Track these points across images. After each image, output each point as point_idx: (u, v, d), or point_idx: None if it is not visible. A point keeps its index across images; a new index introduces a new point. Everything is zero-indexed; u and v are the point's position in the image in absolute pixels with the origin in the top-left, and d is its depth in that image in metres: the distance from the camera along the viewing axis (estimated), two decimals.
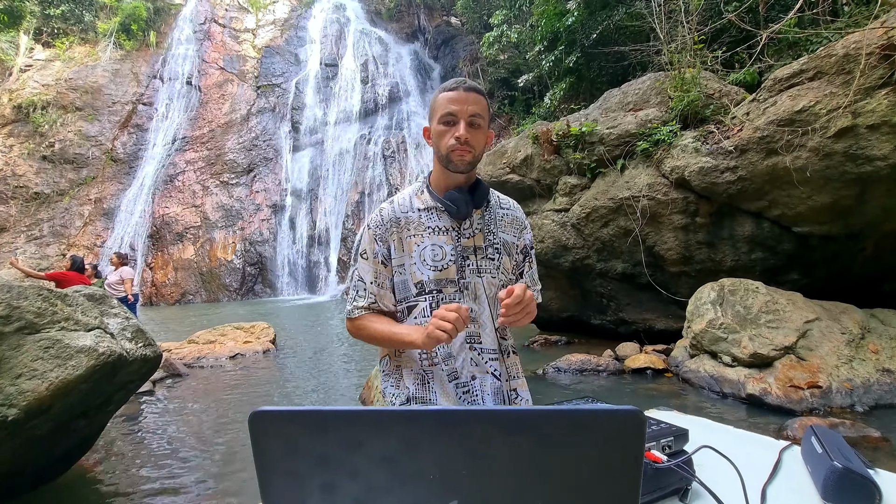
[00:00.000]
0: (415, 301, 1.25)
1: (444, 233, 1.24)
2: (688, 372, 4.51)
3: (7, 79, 20.74)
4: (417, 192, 1.30)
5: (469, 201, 1.23)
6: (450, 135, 1.18)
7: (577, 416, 0.39)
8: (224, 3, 24.13)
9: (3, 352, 2.37)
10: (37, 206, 19.06)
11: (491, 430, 0.40)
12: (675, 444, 0.94)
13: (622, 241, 5.57)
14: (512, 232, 1.33)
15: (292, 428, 0.41)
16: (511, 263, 1.33)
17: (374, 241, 1.26)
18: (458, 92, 1.17)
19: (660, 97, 5.75)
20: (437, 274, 1.23)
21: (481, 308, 1.27)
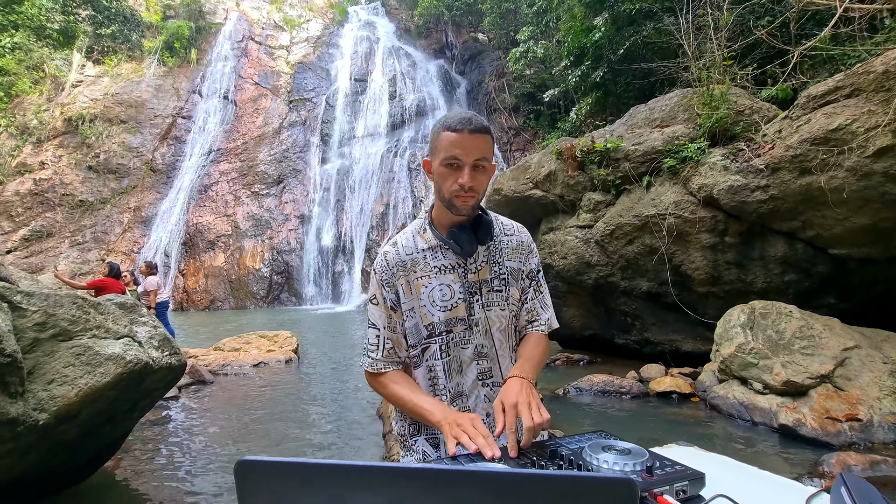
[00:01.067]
0: (427, 343, 1.23)
1: (451, 271, 1.22)
2: (716, 398, 4.34)
3: (60, 93, 22.07)
4: (420, 230, 1.27)
5: (473, 239, 1.21)
6: (453, 179, 1.14)
7: (567, 482, 0.38)
8: (261, 21, 25.14)
9: (38, 358, 2.49)
10: (81, 213, 20.04)
11: (477, 493, 0.39)
12: (691, 489, 0.90)
13: (647, 260, 5.45)
14: (517, 258, 1.30)
15: (277, 479, 0.41)
16: (518, 292, 1.30)
17: (381, 287, 1.23)
18: (463, 135, 1.12)
19: (687, 114, 5.64)
20: (446, 314, 1.21)
21: (491, 343, 1.25)
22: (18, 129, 21.00)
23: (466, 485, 0.39)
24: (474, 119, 1.15)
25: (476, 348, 1.24)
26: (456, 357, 1.23)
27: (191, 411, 5.14)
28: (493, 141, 1.19)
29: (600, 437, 1.08)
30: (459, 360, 1.24)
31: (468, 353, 1.23)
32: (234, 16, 24.88)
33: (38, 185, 19.96)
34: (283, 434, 4.35)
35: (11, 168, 20.28)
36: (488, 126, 1.17)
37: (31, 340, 2.49)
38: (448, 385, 1.24)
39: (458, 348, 1.23)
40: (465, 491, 0.39)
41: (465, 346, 1.23)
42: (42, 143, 20.85)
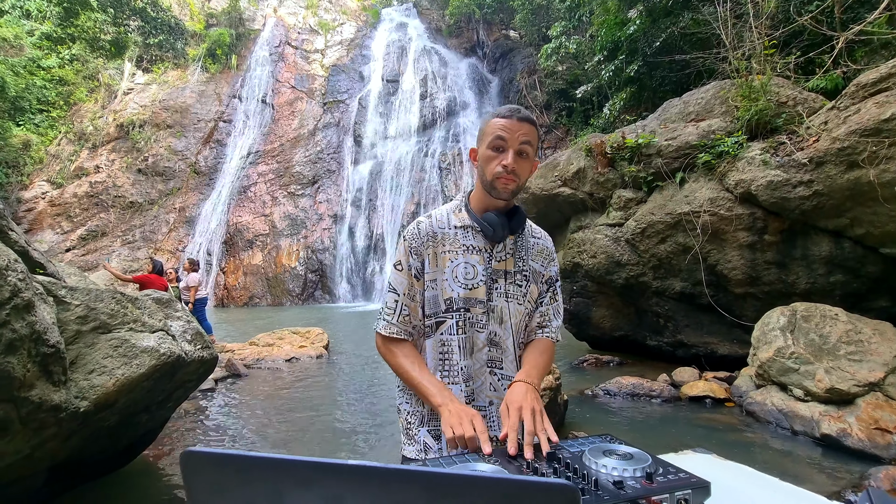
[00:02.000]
0: (443, 317, 1.25)
1: (478, 252, 1.25)
2: (752, 404, 4.13)
3: (112, 101, 23.42)
4: (456, 209, 1.31)
5: (506, 225, 1.23)
6: (497, 161, 1.19)
7: (505, 486, 0.37)
8: (297, 26, 25.82)
9: (80, 349, 2.64)
10: (131, 213, 21.19)
11: (415, 493, 0.38)
12: (694, 499, 0.86)
13: (680, 259, 5.25)
14: (541, 261, 1.33)
15: (219, 471, 0.42)
16: (537, 293, 1.32)
17: (409, 254, 1.26)
18: (512, 120, 1.17)
19: (725, 106, 5.39)
20: (466, 292, 1.23)
21: (506, 333, 1.26)
22: (76, 135, 22.42)
23: (400, 483, 0.39)
24: (523, 110, 1.21)
25: (490, 334, 1.25)
26: (470, 337, 1.25)
27: (226, 403, 5.34)
28: (538, 133, 1.23)
29: (605, 442, 1.04)
30: (472, 342, 1.25)
31: (482, 338, 1.25)
32: (272, 22, 25.65)
33: (93, 187, 21.25)
34: (311, 424, 4.46)
35: (70, 172, 21.67)
36: (534, 119, 1.22)
37: (74, 333, 2.66)
38: (462, 363, 1.24)
39: (473, 329, 1.24)
40: (398, 488, 0.39)
41: (481, 329, 1.24)
42: (97, 148, 22.18)
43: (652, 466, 0.90)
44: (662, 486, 0.84)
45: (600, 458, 0.93)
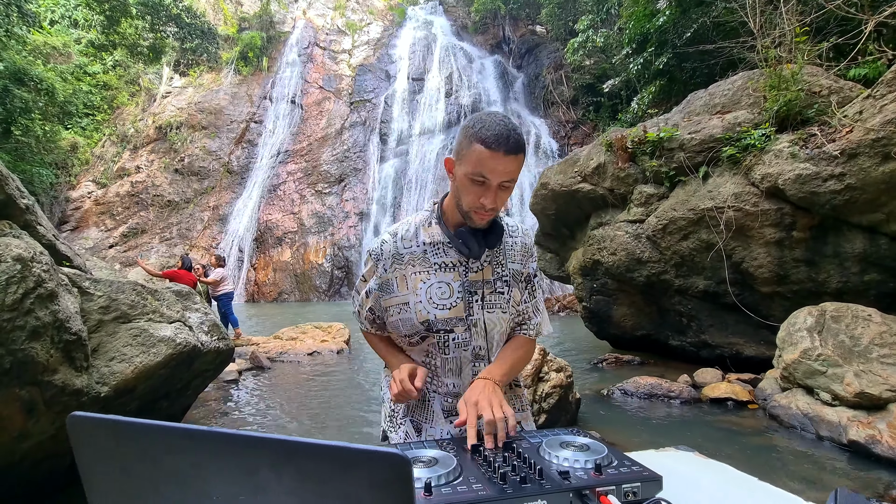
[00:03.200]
0: (425, 334, 1.20)
1: (451, 269, 1.18)
2: (776, 407, 3.96)
3: (152, 104, 24.49)
4: (425, 223, 1.22)
5: (482, 242, 1.15)
6: (475, 196, 1.07)
7: (334, 452, 0.38)
8: (325, 27, 26.28)
9: (102, 337, 2.79)
10: (169, 211, 22.12)
11: (258, 459, 0.40)
12: (644, 492, 0.84)
13: (703, 256, 5.08)
14: (520, 260, 1.27)
15: (101, 435, 0.44)
16: (519, 294, 1.27)
17: (375, 271, 1.23)
18: (497, 156, 1.02)
19: (753, 98, 5.17)
20: (444, 314, 1.17)
21: (491, 345, 1.23)
22: (119, 137, 23.57)
23: (251, 449, 0.40)
24: (511, 137, 1.03)
25: (474, 350, 1.21)
26: (455, 358, 1.21)
27: (248, 394, 5.52)
28: (524, 157, 1.10)
29: (570, 434, 1.03)
30: (459, 362, 1.21)
31: (468, 355, 1.21)
32: (301, 24, 26.20)
33: (134, 187, 22.29)
34: (328, 415, 4.57)
35: (113, 172, 22.80)
36: (523, 143, 1.08)
37: (97, 322, 2.81)
38: (446, 381, 1.22)
39: (459, 349, 1.20)
40: (250, 453, 0.40)
41: (466, 347, 1.20)
42: (138, 149, 23.25)
43: (606, 459, 0.89)
44: (610, 478, 0.83)
45: (556, 450, 0.93)
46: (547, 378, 3.70)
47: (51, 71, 18.92)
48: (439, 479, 0.80)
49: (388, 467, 0.36)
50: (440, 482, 0.80)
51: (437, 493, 0.77)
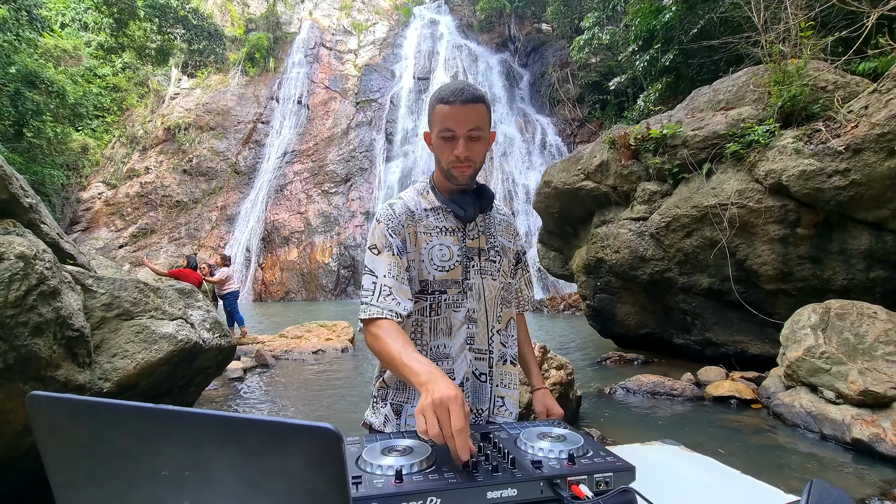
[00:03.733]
0: (417, 297, 1.23)
1: (451, 233, 1.25)
2: (779, 405, 3.93)
3: (161, 105, 24.75)
4: (423, 191, 1.29)
5: (475, 204, 1.23)
6: (449, 151, 1.16)
7: (269, 428, 0.39)
8: (331, 28, 26.38)
9: (104, 334, 2.84)
10: (177, 212, 22.34)
11: (201, 435, 0.41)
12: (616, 481, 0.85)
13: (707, 254, 5.04)
14: (507, 237, 1.36)
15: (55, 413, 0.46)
16: (509, 267, 1.35)
17: (387, 235, 1.19)
18: (456, 106, 1.12)
19: (757, 94, 5.12)
20: (443, 274, 1.23)
21: (483, 308, 1.28)
22: (128, 138, 23.84)
23: (192, 423, 0.41)
24: (466, 89, 1.13)
25: (467, 312, 1.25)
26: (446, 318, 1.24)
27: (252, 391, 5.57)
28: (488, 110, 1.17)
29: (549, 426, 1.04)
30: (449, 322, 1.24)
31: (460, 317, 1.24)
32: (307, 24, 26.32)
33: (143, 187, 22.54)
34: (331, 411, 4.60)
35: (123, 173, 23.07)
36: (482, 95, 1.16)
37: (100, 319, 2.85)
38: (432, 343, 1.25)
39: (450, 310, 1.24)
40: (191, 427, 0.42)
41: (458, 308, 1.24)
42: (147, 150, 23.50)
43: (581, 449, 0.90)
44: (583, 468, 0.84)
45: (532, 440, 0.93)
46: (547, 375, 3.70)
47: (61, 73, 19.19)
48: (412, 468, 0.81)
49: (319, 442, 0.37)
50: (412, 470, 0.81)
51: (407, 480, 0.78)
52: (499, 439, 0.96)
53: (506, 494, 0.78)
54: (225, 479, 0.41)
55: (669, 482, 1.06)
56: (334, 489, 0.38)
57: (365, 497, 0.73)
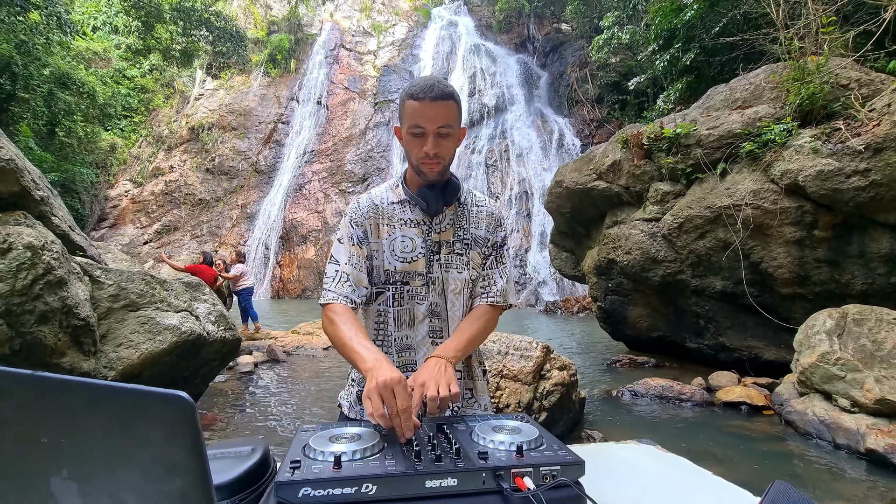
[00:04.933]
0: (382, 288, 1.27)
1: (416, 226, 1.26)
2: (792, 413, 3.80)
3: (186, 106, 25.40)
4: (393, 186, 1.32)
5: (440, 198, 1.24)
6: (419, 146, 1.17)
7: (126, 395, 0.39)
8: (351, 29, 26.66)
9: (111, 324, 2.92)
10: (200, 210, 22.89)
11: (72, 401, 0.41)
12: (564, 476, 0.83)
13: (720, 256, 4.91)
14: (484, 227, 1.33)
15: None
16: (480, 258, 1.33)
17: (350, 226, 1.26)
18: (425, 103, 1.13)
19: (776, 92, 4.97)
20: (404, 266, 1.24)
21: (447, 303, 1.28)
22: (154, 138, 24.53)
23: (64, 391, 0.42)
24: (436, 86, 1.14)
25: (430, 306, 1.26)
26: (409, 310, 1.26)
27: (264, 385, 5.66)
28: (458, 106, 1.19)
29: (509, 419, 1.03)
30: (412, 314, 1.26)
31: (422, 309, 1.26)
32: (328, 26, 26.66)
33: (168, 186, 23.16)
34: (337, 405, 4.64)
35: (149, 172, 23.75)
36: (451, 91, 1.16)
37: (106, 309, 2.94)
38: (396, 335, 1.27)
39: (413, 302, 1.26)
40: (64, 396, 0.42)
41: (421, 301, 1.26)
42: (171, 149, 24.14)
43: (533, 443, 0.88)
44: (530, 461, 0.82)
45: (486, 433, 0.92)
46: (549, 376, 3.65)
47: (92, 75, 19.88)
48: (353, 454, 0.81)
49: (173, 409, 0.37)
50: (354, 457, 0.81)
51: (346, 466, 0.77)
52: (452, 430, 0.95)
53: (445, 484, 0.77)
54: (96, 446, 0.41)
55: (636, 481, 1.03)
56: (191, 456, 0.38)
57: (298, 481, 0.73)
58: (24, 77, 14.78)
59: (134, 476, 0.40)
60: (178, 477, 0.38)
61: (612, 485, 1.01)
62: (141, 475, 0.39)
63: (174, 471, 0.38)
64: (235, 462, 0.88)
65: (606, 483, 1.01)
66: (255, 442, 0.96)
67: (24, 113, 16.36)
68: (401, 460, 0.80)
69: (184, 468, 0.38)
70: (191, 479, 0.38)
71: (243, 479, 0.83)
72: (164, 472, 0.38)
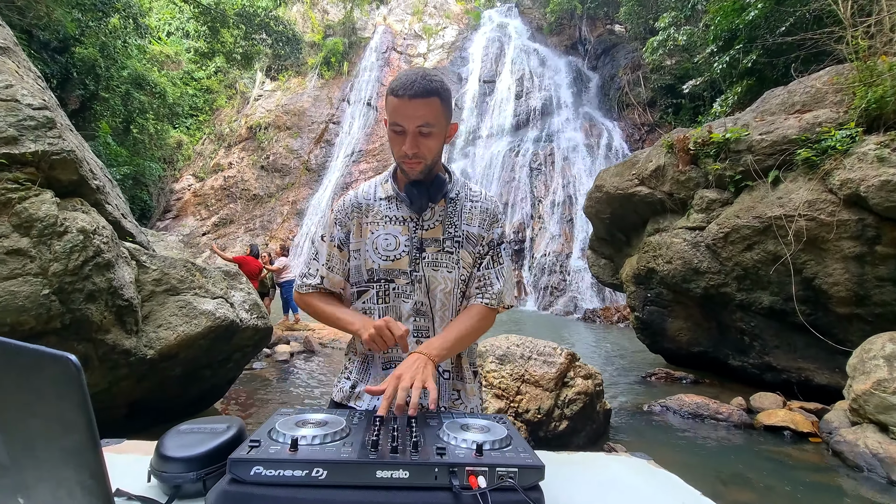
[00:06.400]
0: (366, 286, 1.26)
1: (402, 223, 1.23)
2: (841, 443, 3.50)
3: (246, 106, 26.80)
4: (383, 181, 1.30)
5: (424, 195, 1.20)
6: (399, 144, 1.14)
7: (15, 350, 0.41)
8: (403, 32, 27.16)
9: (153, 307, 3.14)
10: (254, 204, 24.06)
11: None
12: (522, 478, 0.81)
13: (769, 269, 4.60)
14: (478, 224, 1.27)
15: None
16: (472, 257, 1.26)
17: (333, 226, 1.27)
18: (404, 100, 1.09)
19: (840, 95, 4.60)
20: (387, 264, 1.22)
21: (434, 302, 1.24)
22: (216, 136, 26.05)
23: None
24: (417, 82, 1.08)
25: (415, 304, 1.24)
26: (395, 307, 1.24)
27: (298, 373, 5.88)
28: (442, 102, 1.13)
29: (484, 419, 1.02)
30: (398, 312, 1.24)
31: (408, 308, 1.24)
32: (381, 29, 27.29)
33: (226, 181, 24.50)
34: None
35: (210, 168, 25.24)
36: (436, 88, 1.10)
37: (150, 292, 3.16)
38: None
39: (399, 300, 1.24)
40: None
41: (406, 299, 1.24)
42: (231, 147, 25.53)
43: (497, 443, 0.87)
44: (488, 460, 0.81)
45: (454, 430, 0.92)
46: (572, 383, 3.56)
47: (164, 76, 21.40)
48: (312, 439, 0.83)
49: (61, 369, 0.40)
50: (313, 441, 0.83)
51: (302, 450, 0.79)
52: (421, 424, 0.95)
53: (396, 475, 0.78)
54: (9, 398, 0.44)
55: (615, 493, 1.00)
56: (80, 414, 0.40)
57: (252, 459, 0.76)
58: (105, 78, 16.10)
59: (41, 429, 0.43)
60: (72, 433, 0.41)
61: (587, 495, 0.98)
62: (44, 428, 0.43)
63: (69, 427, 0.41)
64: (209, 437, 0.93)
65: (582, 492, 0.98)
66: (234, 421, 1.01)
67: (104, 111, 17.83)
68: (357, 449, 0.81)
69: (75, 425, 0.41)
70: (80, 436, 0.41)
71: (213, 454, 0.88)
72: (61, 428, 0.42)
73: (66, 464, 0.42)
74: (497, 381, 3.44)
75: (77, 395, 0.40)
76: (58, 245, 2.48)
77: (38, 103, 2.65)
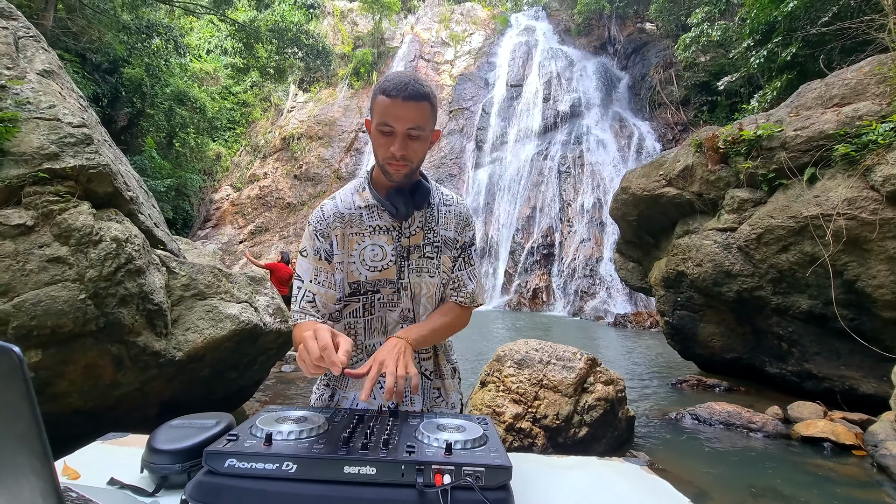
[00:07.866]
0: (349, 300, 1.23)
1: (385, 232, 1.21)
2: (887, 457, 3.27)
3: (279, 118, 27.74)
4: (359, 188, 1.25)
5: (409, 202, 1.19)
6: (386, 145, 1.12)
7: None
8: (430, 40, 27.47)
9: (181, 311, 3.29)
10: (288, 213, 24.80)
11: None
12: (489, 478, 0.82)
13: (806, 271, 4.37)
14: (453, 228, 1.29)
15: None
16: (450, 261, 1.29)
17: (314, 238, 1.21)
18: (397, 102, 1.08)
19: (882, 87, 4.34)
20: (374, 275, 1.21)
21: (420, 308, 1.26)
22: (252, 147, 27.07)
23: None
24: (411, 84, 1.09)
25: (402, 312, 1.24)
26: (381, 317, 1.24)
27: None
28: (432, 107, 1.14)
29: (468, 420, 1.02)
30: (384, 321, 1.24)
31: (394, 316, 1.24)
32: (409, 38, 27.71)
33: (262, 190, 25.39)
34: None
35: (246, 178, 26.23)
36: (427, 92, 1.11)
37: (179, 297, 3.31)
38: (367, 342, 1.26)
39: (384, 309, 1.24)
40: None
41: (393, 308, 1.24)
42: (266, 157, 26.46)
43: (469, 443, 0.88)
44: (457, 459, 0.82)
45: (430, 429, 0.93)
46: (592, 389, 3.49)
47: (203, 92, 22.46)
48: (287, 435, 0.86)
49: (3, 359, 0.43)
50: (288, 437, 0.86)
51: (276, 444, 0.83)
52: (399, 422, 0.97)
53: (363, 472, 0.79)
54: None
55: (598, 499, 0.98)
56: (23, 404, 0.44)
57: (227, 452, 0.79)
58: (150, 96, 17.08)
59: None
60: (18, 422, 0.45)
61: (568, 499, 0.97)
62: None
63: (16, 416, 0.45)
64: (197, 432, 0.97)
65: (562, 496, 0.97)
66: (224, 417, 1.05)
67: (149, 127, 18.90)
68: (328, 445, 0.84)
69: (19, 414, 0.45)
70: (25, 426, 0.45)
71: (197, 447, 0.92)
72: (11, 416, 0.45)
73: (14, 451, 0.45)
74: (515, 385, 3.42)
75: (20, 384, 0.43)
76: (93, 253, 2.65)
77: (77, 121, 2.85)
